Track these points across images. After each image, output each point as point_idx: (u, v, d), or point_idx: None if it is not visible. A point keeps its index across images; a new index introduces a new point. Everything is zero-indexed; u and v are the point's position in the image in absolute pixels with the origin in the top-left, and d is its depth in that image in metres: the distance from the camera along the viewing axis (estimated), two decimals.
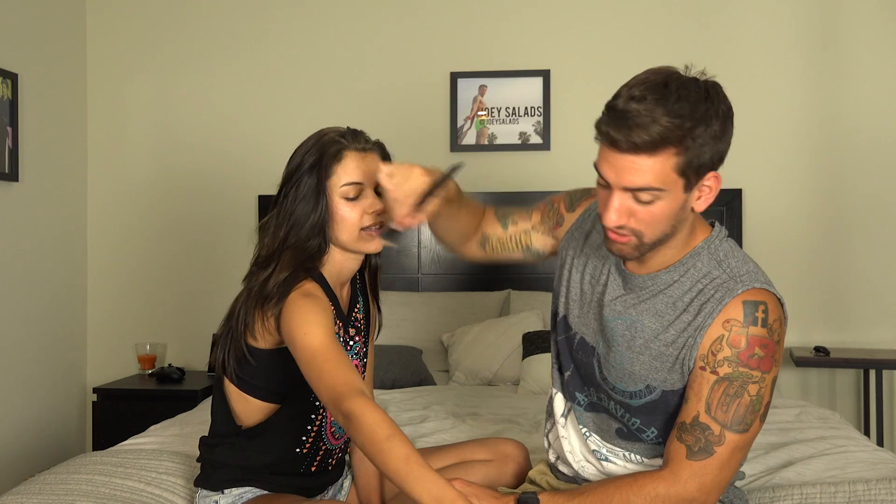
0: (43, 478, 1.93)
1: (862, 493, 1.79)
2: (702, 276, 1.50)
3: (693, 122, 1.36)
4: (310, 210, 1.63)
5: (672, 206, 1.41)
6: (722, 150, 1.42)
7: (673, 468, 1.45)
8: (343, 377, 1.47)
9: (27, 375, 3.63)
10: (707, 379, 1.45)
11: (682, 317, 1.49)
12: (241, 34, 4.02)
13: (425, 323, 3.63)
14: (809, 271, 3.77)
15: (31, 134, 3.64)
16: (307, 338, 1.52)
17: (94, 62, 4.08)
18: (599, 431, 1.64)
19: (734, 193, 3.70)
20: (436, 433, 2.46)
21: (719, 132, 1.39)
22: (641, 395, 1.54)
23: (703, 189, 1.43)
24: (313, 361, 1.51)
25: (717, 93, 1.41)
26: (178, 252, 4.03)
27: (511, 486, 1.89)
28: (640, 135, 1.35)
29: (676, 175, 1.38)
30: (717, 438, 1.43)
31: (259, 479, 1.75)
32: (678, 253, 1.51)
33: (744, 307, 1.44)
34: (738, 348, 1.43)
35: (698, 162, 1.38)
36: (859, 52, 3.76)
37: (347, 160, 1.66)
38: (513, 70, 3.88)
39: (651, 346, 1.51)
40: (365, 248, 1.69)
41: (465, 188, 4.50)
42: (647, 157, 1.37)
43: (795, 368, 3.75)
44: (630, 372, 1.54)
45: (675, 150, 1.36)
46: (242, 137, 3.98)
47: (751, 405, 1.44)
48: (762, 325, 1.44)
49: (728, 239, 1.55)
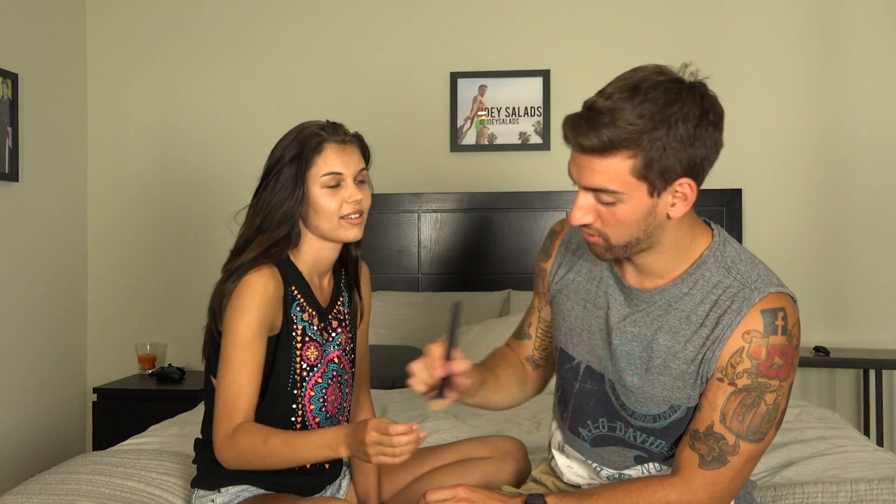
0: (43, 478, 1.92)
1: (864, 493, 1.79)
2: (713, 287, 1.44)
3: (653, 125, 1.30)
4: (285, 198, 1.70)
5: (636, 210, 1.36)
6: (696, 156, 1.34)
7: (685, 476, 1.43)
8: (244, 392, 1.64)
9: (27, 375, 3.63)
10: (724, 390, 1.41)
11: (699, 332, 1.43)
12: (241, 34, 4.02)
13: (425, 323, 3.62)
14: (809, 271, 3.77)
15: (31, 134, 3.64)
16: (234, 320, 1.64)
17: (94, 62, 4.08)
18: (612, 464, 1.57)
19: (734, 193, 3.70)
20: (436, 433, 2.46)
21: (689, 136, 1.32)
22: (666, 417, 1.48)
23: (676, 195, 1.37)
24: (230, 348, 1.64)
25: (695, 95, 1.34)
26: (178, 252, 4.03)
27: (511, 483, 1.89)
28: (589, 137, 1.32)
29: (635, 179, 1.33)
30: (731, 448, 1.41)
31: (255, 478, 1.75)
32: (681, 262, 1.46)
33: (763, 317, 1.39)
34: (759, 359, 1.39)
35: (661, 166, 1.32)
36: (860, 53, 3.76)
37: (328, 151, 1.71)
38: (513, 70, 3.88)
39: (671, 366, 1.45)
40: (344, 237, 1.73)
41: (465, 189, 4.47)
42: (600, 159, 1.33)
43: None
44: (651, 395, 1.47)
45: (630, 152, 1.32)
46: (242, 137, 3.98)
47: (767, 414, 1.41)
48: (783, 333, 1.39)
49: (730, 241, 1.50)
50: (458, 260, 3.85)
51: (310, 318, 1.75)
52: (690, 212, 1.44)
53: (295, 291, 1.74)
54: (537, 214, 3.77)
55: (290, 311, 1.73)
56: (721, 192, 3.70)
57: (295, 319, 1.73)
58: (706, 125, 1.34)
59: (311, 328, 1.76)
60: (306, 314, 1.75)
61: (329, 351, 1.79)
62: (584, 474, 1.64)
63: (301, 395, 1.75)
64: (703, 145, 1.35)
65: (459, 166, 3.93)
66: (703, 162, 1.37)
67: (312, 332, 1.76)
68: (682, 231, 1.44)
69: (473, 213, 3.82)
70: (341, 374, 1.82)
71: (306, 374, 1.75)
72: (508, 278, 3.79)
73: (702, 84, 1.38)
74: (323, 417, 1.79)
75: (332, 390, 1.80)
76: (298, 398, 1.75)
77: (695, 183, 1.37)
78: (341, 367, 1.82)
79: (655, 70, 1.37)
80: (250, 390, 1.66)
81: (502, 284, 3.77)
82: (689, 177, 1.36)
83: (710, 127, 1.35)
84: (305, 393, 1.75)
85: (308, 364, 1.75)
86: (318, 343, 1.77)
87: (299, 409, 1.76)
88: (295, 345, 1.74)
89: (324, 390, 1.78)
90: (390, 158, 3.91)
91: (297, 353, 1.74)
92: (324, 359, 1.78)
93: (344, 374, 1.83)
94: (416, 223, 3.86)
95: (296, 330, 1.74)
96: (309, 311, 1.75)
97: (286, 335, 1.72)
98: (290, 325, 1.73)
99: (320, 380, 1.77)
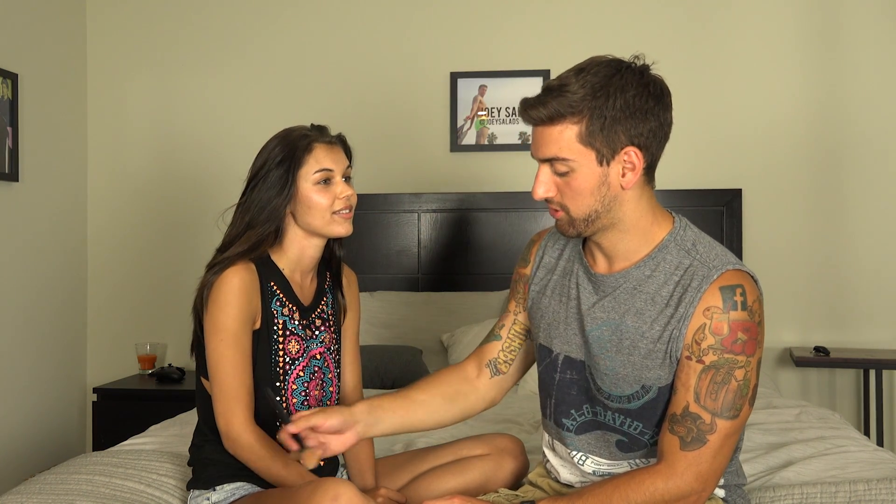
0: (43, 478, 1.92)
1: (863, 493, 1.79)
2: (675, 268, 1.50)
3: (594, 93, 1.42)
4: (273, 195, 1.76)
5: (589, 179, 1.46)
6: (639, 126, 1.44)
7: (668, 461, 1.46)
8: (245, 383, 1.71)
9: (27, 375, 3.63)
10: (693, 368, 1.46)
11: (664, 311, 1.49)
12: (241, 34, 4.02)
13: (425, 323, 3.63)
14: (809, 271, 3.77)
15: (31, 134, 3.64)
16: (218, 316, 1.71)
17: (94, 62, 4.08)
18: (597, 451, 1.61)
19: (734, 193, 3.70)
20: (435, 433, 2.46)
21: (630, 106, 1.43)
22: (639, 397, 1.53)
23: (625, 165, 1.46)
24: (220, 345, 1.70)
25: (635, 72, 1.45)
26: (178, 252, 4.03)
27: (509, 482, 1.89)
28: (538, 110, 1.45)
29: (582, 146, 1.44)
30: (708, 427, 1.44)
31: (251, 475, 1.76)
32: (644, 245, 1.53)
33: (721, 293, 1.45)
34: (721, 335, 1.44)
35: (605, 134, 1.43)
36: (860, 53, 3.76)
37: (318, 150, 1.78)
38: (513, 70, 3.87)
39: (640, 346, 1.51)
40: (336, 231, 1.79)
41: (465, 189, 4.46)
42: (550, 129, 1.46)
43: (795, 368, 3.75)
44: (623, 376, 1.53)
45: (575, 119, 1.43)
46: (242, 137, 3.97)
47: (738, 390, 1.45)
48: (742, 309, 1.45)
49: (691, 226, 1.57)
50: (458, 260, 3.85)
51: (290, 313, 1.80)
52: (651, 196, 1.53)
53: (274, 287, 1.79)
54: (537, 214, 3.77)
55: (271, 306, 1.78)
56: (721, 192, 3.70)
57: (275, 314, 1.78)
58: (646, 97, 1.45)
59: (292, 322, 1.80)
60: (286, 309, 1.80)
61: (312, 347, 1.83)
62: (574, 472, 1.66)
63: (284, 387, 1.79)
64: (646, 118, 1.45)
65: (459, 166, 3.93)
66: (649, 135, 1.46)
67: (293, 326, 1.80)
68: (642, 211, 1.52)
69: (473, 214, 3.82)
70: (325, 371, 1.85)
71: (289, 367, 1.79)
72: (508, 278, 3.76)
73: (645, 66, 1.48)
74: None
75: (314, 385, 1.82)
76: (281, 390, 1.78)
77: (641, 153, 1.46)
78: (325, 364, 1.85)
79: (604, 56, 1.50)
80: (247, 381, 1.72)
81: (502, 284, 3.77)
82: (635, 146, 1.46)
83: (650, 99, 1.45)
84: (288, 386, 1.79)
85: (290, 357, 1.79)
86: (299, 337, 1.80)
87: (282, 402, 1.78)
88: (276, 338, 1.78)
89: (306, 384, 1.81)
90: (390, 158, 3.92)
91: (278, 346, 1.78)
92: (306, 353, 1.81)
93: (328, 373, 1.86)
94: (416, 223, 3.86)
95: (277, 324, 1.78)
96: (289, 305, 1.80)
97: (267, 329, 1.77)
98: (270, 319, 1.77)
99: (302, 373, 1.81)
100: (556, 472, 1.70)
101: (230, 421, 1.70)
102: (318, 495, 1.51)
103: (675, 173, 3.74)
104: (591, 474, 1.62)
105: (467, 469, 1.87)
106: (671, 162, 3.85)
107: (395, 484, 1.91)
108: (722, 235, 3.68)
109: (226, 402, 1.71)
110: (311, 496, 1.52)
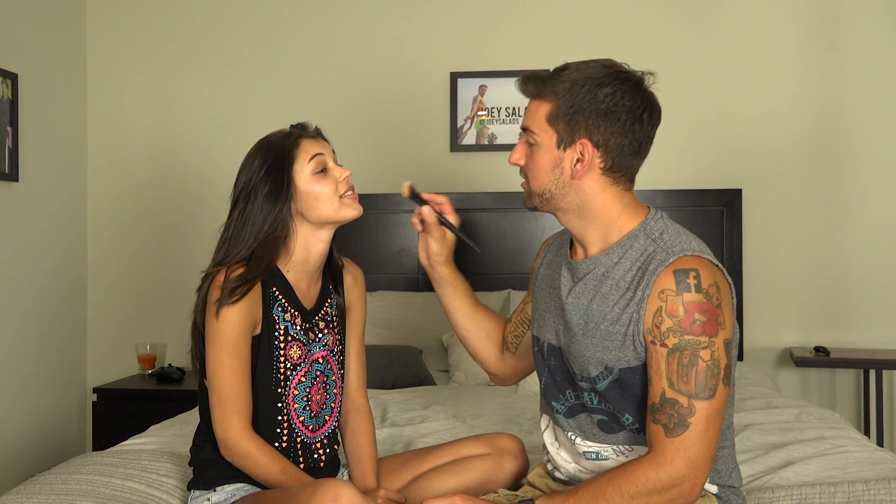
0: (43, 478, 1.93)
1: (861, 494, 1.79)
2: (640, 255, 1.55)
3: (576, 82, 1.51)
4: (273, 202, 1.74)
5: (546, 158, 1.56)
6: (604, 126, 1.51)
7: (657, 450, 1.48)
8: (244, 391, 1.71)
9: (27, 375, 3.63)
10: (660, 353, 1.49)
11: (625, 295, 1.54)
12: (241, 34, 4.02)
13: (425, 323, 3.63)
14: (809, 271, 3.77)
15: (31, 134, 3.64)
16: (217, 323, 1.70)
17: (94, 62, 4.08)
18: (584, 433, 1.65)
19: (734, 193, 3.70)
20: (436, 433, 2.47)
21: (603, 105, 1.50)
22: (603, 378, 1.57)
23: (578, 155, 1.53)
24: (220, 352, 1.70)
25: (627, 79, 1.52)
26: (178, 252, 4.03)
27: (509, 482, 1.89)
28: (528, 83, 1.56)
29: (547, 123, 1.54)
30: (687, 410, 1.46)
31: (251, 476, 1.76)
32: (613, 234, 1.59)
33: (675, 276, 1.48)
34: (678, 317, 1.47)
35: (568, 119, 1.51)
36: (860, 53, 3.76)
37: (304, 143, 1.79)
38: (513, 70, 3.87)
39: (600, 328, 1.55)
40: (348, 215, 1.79)
41: (465, 189, 4.47)
42: (534, 102, 1.58)
43: (795, 368, 3.75)
44: (587, 357, 1.58)
45: (550, 98, 1.54)
46: (242, 137, 3.96)
47: (708, 370, 1.46)
48: (696, 291, 1.47)
49: (664, 218, 1.61)
50: (457, 260, 3.84)
51: (292, 319, 1.79)
52: (618, 194, 1.58)
53: (276, 292, 1.78)
54: (537, 214, 3.77)
55: (272, 312, 1.76)
56: (721, 192, 3.70)
57: (277, 319, 1.77)
58: (621, 103, 1.51)
59: (294, 328, 1.79)
60: (288, 314, 1.78)
61: (314, 351, 1.82)
62: (568, 458, 1.69)
63: (285, 394, 1.78)
64: (611, 122, 1.51)
65: (459, 166, 3.93)
66: (610, 138, 1.52)
67: (295, 331, 1.79)
68: (605, 204, 1.57)
69: (473, 213, 3.82)
70: (327, 374, 1.84)
71: (290, 374, 1.78)
72: (508, 278, 3.79)
73: (641, 79, 1.55)
74: (307, 416, 1.81)
75: (315, 390, 1.82)
76: (282, 397, 1.78)
77: (597, 151, 1.52)
78: (327, 367, 1.84)
79: (618, 63, 1.56)
80: (245, 389, 1.71)
81: (502, 284, 3.77)
82: (592, 143, 1.52)
83: (624, 107, 1.51)
84: (289, 392, 1.78)
85: (291, 363, 1.78)
86: (301, 343, 1.80)
87: (284, 408, 1.78)
88: (277, 344, 1.77)
89: (307, 389, 1.80)
90: (390, 158, 3.92)
91: (280, 353, 1.77)
92: (307, 358, 1.81)
93: (331, 375, 1.86)
94: None
95: (278, 329, 1.77)
96: (291, 311, 1.79)
97: (268, 335, 1.76)
98: (271, 324, 1.76)
99: (303, 379, 1.80)
100: (555, 460, 1.72)
101: (227, 429, 1.70)
102: (317, 496, 1.51)
103: (676, 173, 3.74)
104: (581, 455, 1.65)
105: (467, 469, 1.87)
106: (672, 162, 3.88)
107: (395, 484, 1.91)
108: (722, 235, 3.68)
109: (223, 409, 1.70)
110: (310, 497, 1.52)
